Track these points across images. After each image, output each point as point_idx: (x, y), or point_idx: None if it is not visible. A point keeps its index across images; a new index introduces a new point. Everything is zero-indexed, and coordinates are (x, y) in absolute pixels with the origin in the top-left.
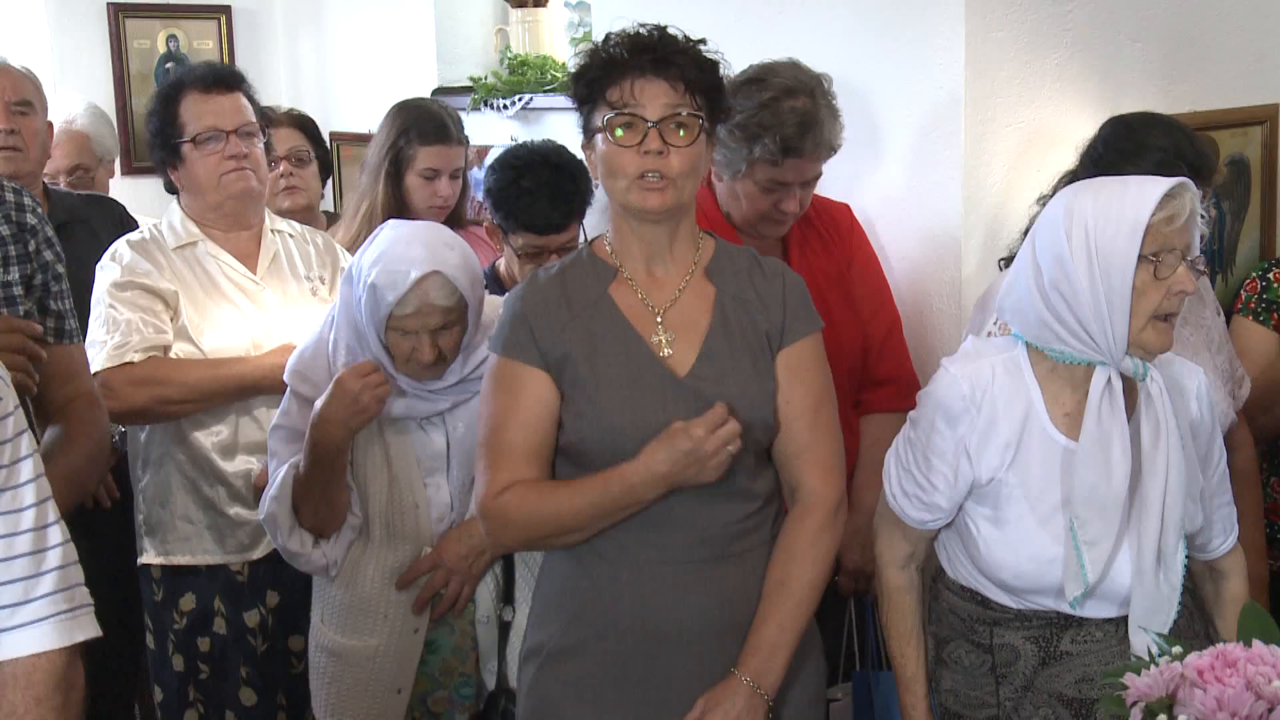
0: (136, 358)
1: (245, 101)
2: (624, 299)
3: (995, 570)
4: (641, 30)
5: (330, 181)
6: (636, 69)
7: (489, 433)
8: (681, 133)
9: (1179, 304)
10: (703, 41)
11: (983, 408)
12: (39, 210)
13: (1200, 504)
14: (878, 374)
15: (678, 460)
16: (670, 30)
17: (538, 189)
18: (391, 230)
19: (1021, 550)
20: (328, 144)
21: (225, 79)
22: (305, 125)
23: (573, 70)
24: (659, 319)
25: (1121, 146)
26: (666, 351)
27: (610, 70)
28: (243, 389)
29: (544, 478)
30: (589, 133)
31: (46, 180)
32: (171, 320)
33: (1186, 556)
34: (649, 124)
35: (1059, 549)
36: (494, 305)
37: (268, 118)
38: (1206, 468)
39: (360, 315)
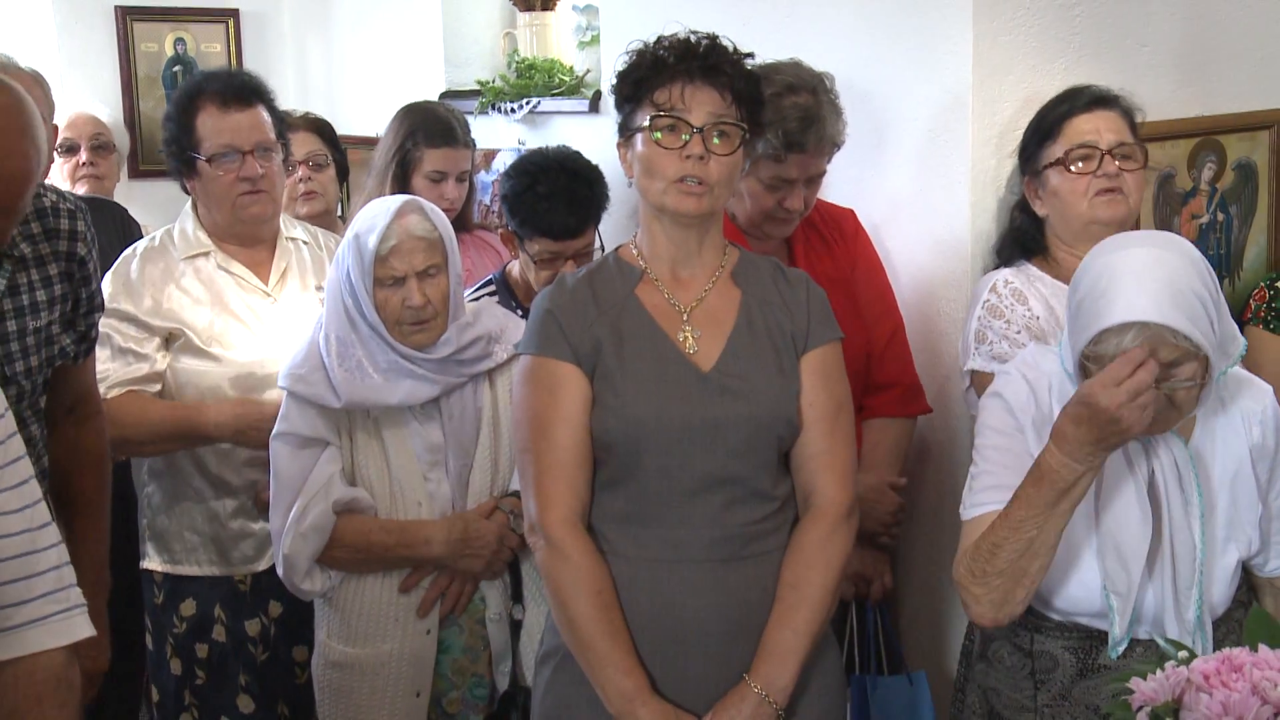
0: (111, 394)
1: (264, 115)
2: (650, 298)
3: (1045, 595)
4: (692, 37)
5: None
6: (686, 74)
7: (533, 433)
8: (723, 141)
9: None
10: (750, 55)
11: (1039, 402)
12: (90, 234)
13: (1259, 528)
14: (880, 379)
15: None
16: (721, 40)
17: (554, 194)
18: (368, 204)
19: (1072, 578)
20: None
21: (243, 93)
22: (322, 129)
23: (619, 68)
24: (685, 317)
25: (1031, 138)
26: (692, 348)
27: (659, 72)
28: (196, 437)
29: (589, 479)
30: (627, 131)
31: (59, 154)
32: (170, 339)
33: (1244, 571)
34: (693, 129)
35: None
36: (485, 308)
37: (283, 123)
38: (1271, 490)
39: (349, 289)
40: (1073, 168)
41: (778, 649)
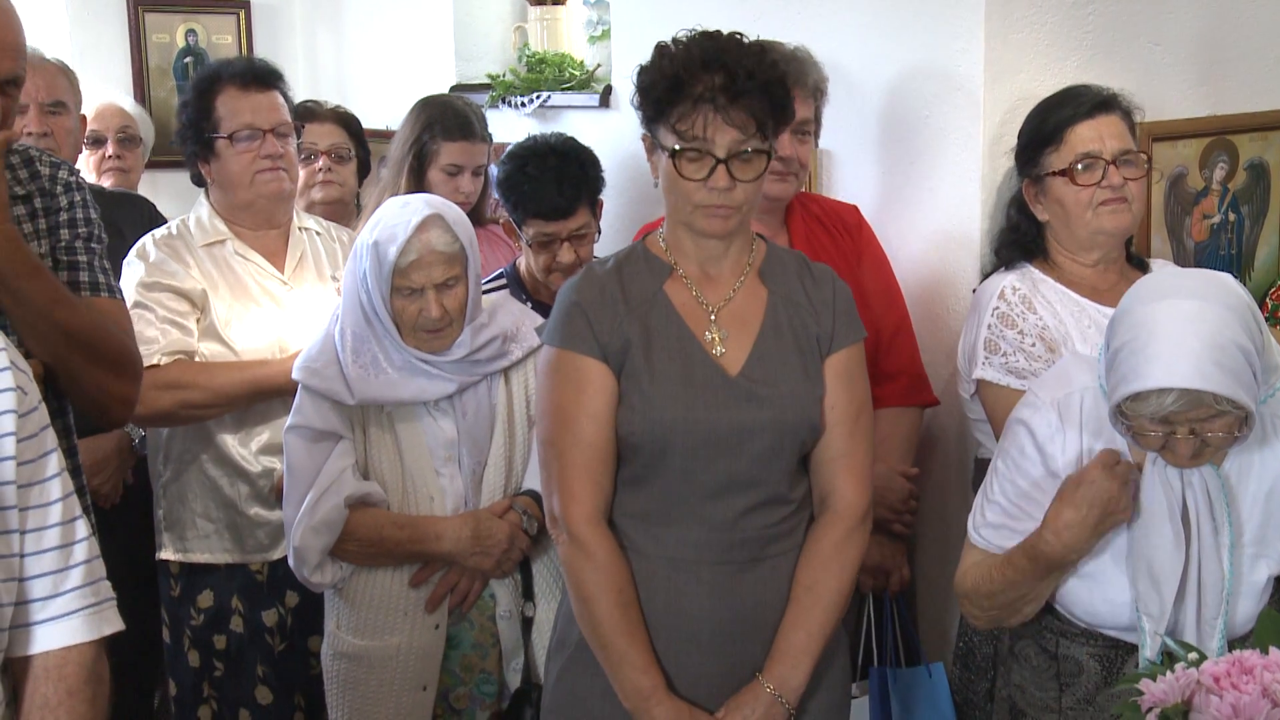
0: (162, 361)
1: (281, 100)
2: (678, 296)
3: (1069, 606)
4: (710, 50)
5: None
6: (709, 102)
7: (557, 427)
8: (748, 166)
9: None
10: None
11: (1068, 440)
12: (74, 181)
13: None
14: (887, 368)
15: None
16: (741, 55)
17: (543, 175)
18: (388, 202)
19: (1096, 593)
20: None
21: (263, 76)
22: (349, 123)
23: (638, 83)
24: (713, 317)
25: (1030, 141)
26: (719, 350)
27: (679, 94)
28: (266, 391)
29: (613, 476)
30: (651, 138)
31: (86, 146)
32: (198, 320)
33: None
34: (717, 160)
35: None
36: (501, 304)
37: (311, 113)
38: None
39: (365, 289)
40: (1078, 179)
41: (791, 650)
